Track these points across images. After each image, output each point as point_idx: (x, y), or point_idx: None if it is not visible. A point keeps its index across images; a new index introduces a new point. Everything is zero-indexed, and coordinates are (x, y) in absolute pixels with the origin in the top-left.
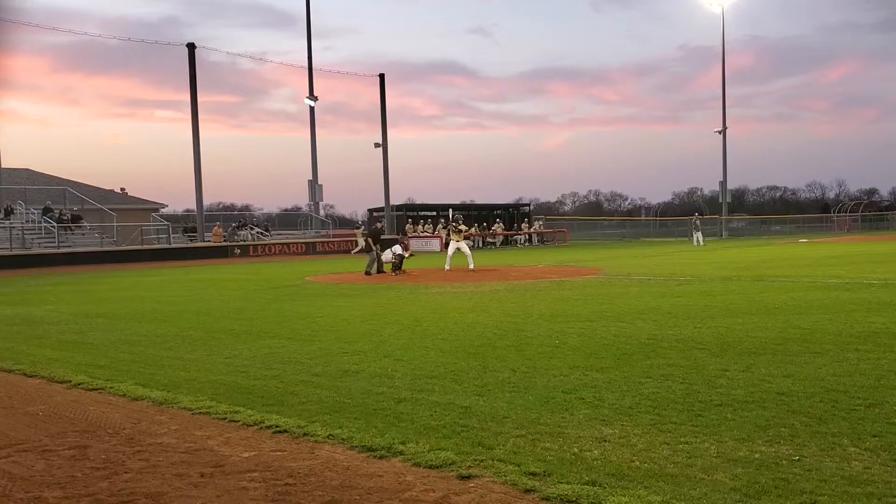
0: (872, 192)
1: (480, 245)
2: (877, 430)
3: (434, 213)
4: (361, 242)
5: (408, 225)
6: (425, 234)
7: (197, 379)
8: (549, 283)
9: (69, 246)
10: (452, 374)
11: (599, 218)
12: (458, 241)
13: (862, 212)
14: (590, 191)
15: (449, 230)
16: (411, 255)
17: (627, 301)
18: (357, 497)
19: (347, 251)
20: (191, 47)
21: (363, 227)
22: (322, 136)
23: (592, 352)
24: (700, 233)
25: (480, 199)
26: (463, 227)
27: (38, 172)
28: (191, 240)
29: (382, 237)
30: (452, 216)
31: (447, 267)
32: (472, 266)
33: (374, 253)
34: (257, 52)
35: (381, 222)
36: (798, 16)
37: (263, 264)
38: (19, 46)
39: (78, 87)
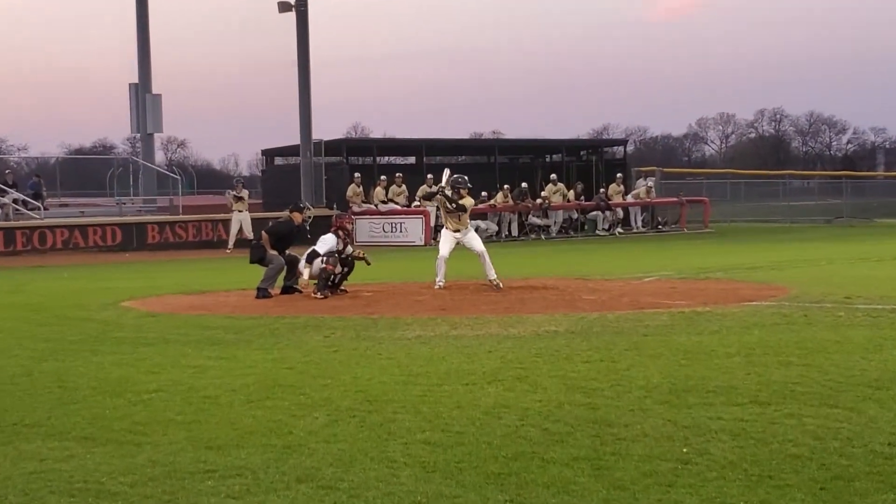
0: None
1: (512, 232)
2: None
3: (412, 161)
4: (241, 227)
5: (352, 186)
6: (390, 204)
7: None
8: (669, 317)
9: None
10: None
11: (780, 172)
12: (457, 230)
13: None
14: (760, 112)
15: (443, 200)
16: (361, 256)
17: (843, 360)
18: None
19: (218, 244)
20: None
21: (244, 189)
22: None
23: (766, 472)
24: None
25: (514, 132)
26: (468, 201)
27: None
28: None
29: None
30: (448, 178)
31: (440, 282)
32: (493, 277)
33: (277, 255)
34: None
35: (306, 206)
36: None
37: (29, 271)
38: None
39: None
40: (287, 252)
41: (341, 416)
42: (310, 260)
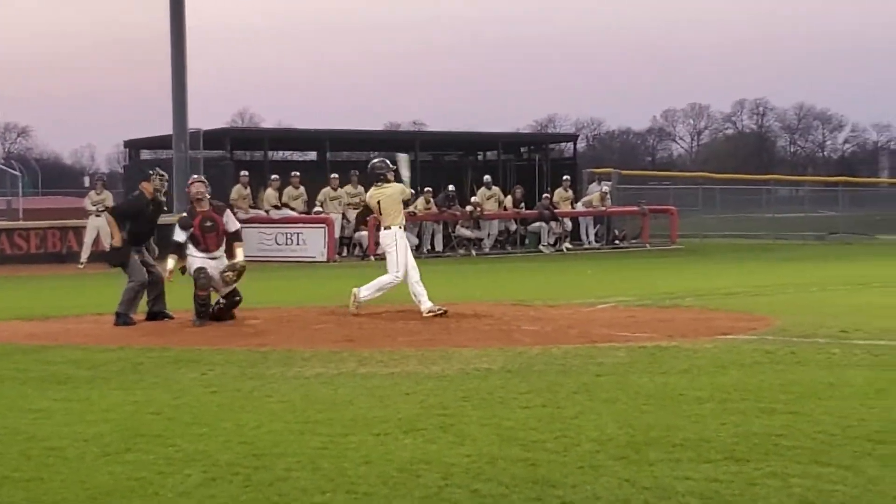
0: None
1: (436, 247)
2: None
3: (312, 158)
4: (98, 236)
5: (238, 187)
6: (284, 210)
7: None
8: (628, 353)
9: None
10: None
11: (764, 177)
12: (394, 229)
13: None
14: (740, 103)
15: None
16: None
17: (838, 407)
18: None
19: (69, 257)
20: None
21: (105, 190)
22: None
23: None
24: None
25: (439, 123)
26: (401, 182)
27: None
28: None
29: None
30: (406, 165)
31: (361, 297)
32: (427, 305)
33: (139, 268)
34: None
35: (156, 174)
36: None
37: None
38: None
39: None
40: (153, 267)
41: (221, 473)
42: (175, 251)
